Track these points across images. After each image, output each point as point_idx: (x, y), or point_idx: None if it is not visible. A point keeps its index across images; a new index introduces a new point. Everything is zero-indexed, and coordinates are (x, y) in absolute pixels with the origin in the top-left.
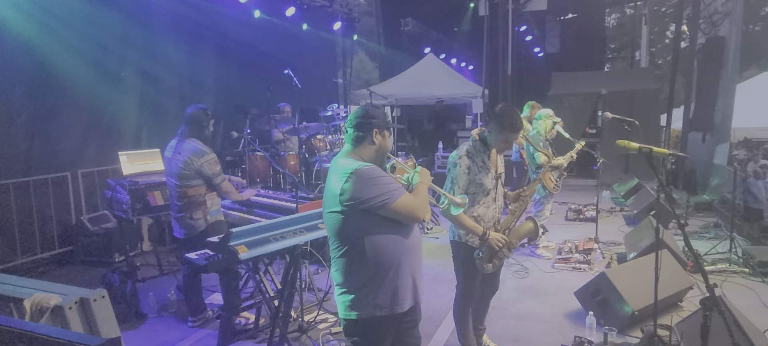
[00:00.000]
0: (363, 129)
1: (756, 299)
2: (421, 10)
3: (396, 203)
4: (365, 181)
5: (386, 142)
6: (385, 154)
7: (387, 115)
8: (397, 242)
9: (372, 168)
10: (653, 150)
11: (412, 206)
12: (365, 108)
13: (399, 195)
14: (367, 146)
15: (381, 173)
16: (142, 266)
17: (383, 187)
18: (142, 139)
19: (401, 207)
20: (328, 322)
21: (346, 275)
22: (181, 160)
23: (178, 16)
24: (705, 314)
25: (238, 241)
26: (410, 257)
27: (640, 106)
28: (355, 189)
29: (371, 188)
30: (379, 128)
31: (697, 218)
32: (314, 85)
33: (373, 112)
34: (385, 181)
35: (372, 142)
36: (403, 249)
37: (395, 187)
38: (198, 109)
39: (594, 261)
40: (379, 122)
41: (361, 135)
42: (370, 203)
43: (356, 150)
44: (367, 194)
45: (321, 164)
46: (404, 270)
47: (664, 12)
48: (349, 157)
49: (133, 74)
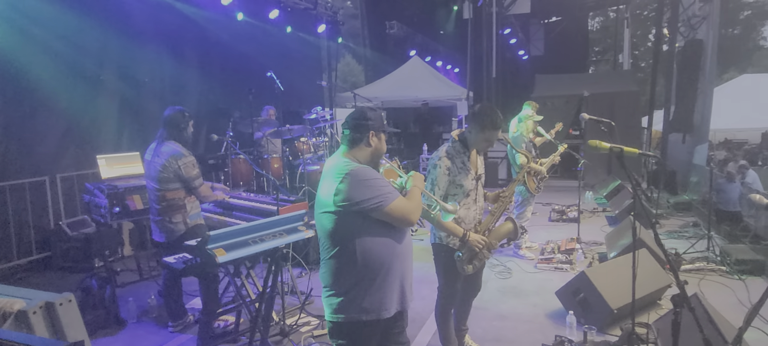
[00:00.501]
0: (359, 131)
1: (732, 296)
2: (406, 13)
3: (390, 206)
4: (360, 182)
5: (381, 144)
6: (380, 157)
7: (383, 119)
8: (388, 245)
9: (367, 169)
10: (624, 150)
11: (406, 209)
12: (362, 110)
13: (393, 198)
14: (362, 148)
15: (376, 175)
16: (123, 271)
17: (378, 189)
18: (123, 142)
19: (395, 210)
20: (311, 325)
21: (335, 276)
22: (159, 163)
23: (159, 19)
24: (676, 311)
25: (216, 244)
26: (400, 262)
27: (622, 108)
28: (350, 190)
29: (366, 189)
30: (376, 131)
31: (677, 217)
32: (298, 88)
33: (370, 115)
34: (380, 183)
35: (368, 144)
36: (394, 254)
37: (390, 190)
38: (175, 111)
39: (576, 261)
40: (375, 125)
41: (357, 136)
42: (364, 204)
43: (352, 151)
44: (361, 195)
45: (305, 167)
46: (393, 275)
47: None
48: (345, 158)
49: (114, 77)
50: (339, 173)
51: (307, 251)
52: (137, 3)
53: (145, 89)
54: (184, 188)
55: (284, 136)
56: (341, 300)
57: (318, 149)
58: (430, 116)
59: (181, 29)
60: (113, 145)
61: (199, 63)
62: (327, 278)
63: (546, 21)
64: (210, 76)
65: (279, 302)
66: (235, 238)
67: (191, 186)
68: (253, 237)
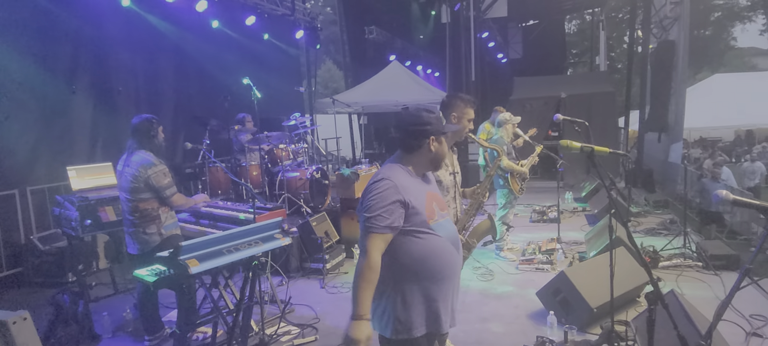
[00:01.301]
0: (416, 137)
1: (709, 291)
2: (384, 19)
3: (372, 236)
4: (366, 189)
5: (443, 147)
6: (443, 159)
7: (442, 119)
8: (418, 260)
9: (386, 182)
10: (594, 149)
11: (372, 256)
12: (418, 113)
13: (379, 230)
14: (421, 154)
15: (387, 190)
16: (97, 285)
17: (376, 209)
18: (96, 153)
19: (369, 246)
20: (291, 334)
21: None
22: (130, 174)
23: (132, 26)
24: (650, 308)
25: (188, 254)
26: (431, 280)
27: (599, 108)
28: (365, 194)
29: (367, 200)
30: (436, 135)
31: (655, 215)
32: (277, 95)
33: (427, 118)
34: (385, 203)
35: (429, 150)
36: (422, 270)
37: (389, 215)
38: (143, 119)
39: (556, 261)
40: (435, 129)
41: (414, 143)
42: (360, 218)
43: (408, 157)
44: (362, 205)
45: (284, 174)
46: (420, 293)
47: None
48: (396, 163)
49: (86, 86)
50: (374, 176)
51: (286, 257)
52: (109, 11)
53: (120, 98)
54: (157, 198)
55: (262, 142)
56: (373, 312)
57: (297, 156)
58: None
59: (155, 37)
60: (86, 156)
61: (175, 71)
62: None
63: (523, 24)
64: (186, 84)
65: (258, 312)
66: (209, 247)
67: (163, 196)
68: (228, 246)
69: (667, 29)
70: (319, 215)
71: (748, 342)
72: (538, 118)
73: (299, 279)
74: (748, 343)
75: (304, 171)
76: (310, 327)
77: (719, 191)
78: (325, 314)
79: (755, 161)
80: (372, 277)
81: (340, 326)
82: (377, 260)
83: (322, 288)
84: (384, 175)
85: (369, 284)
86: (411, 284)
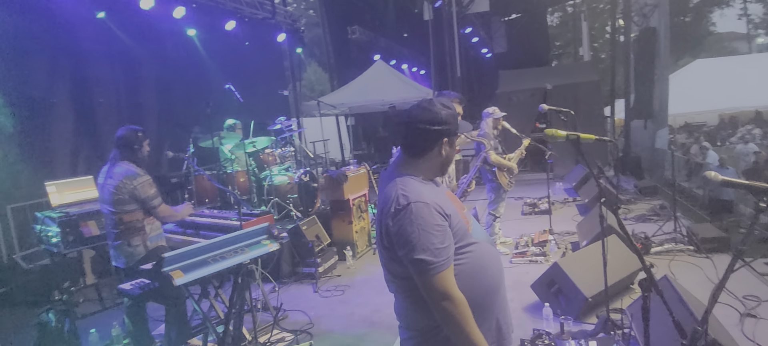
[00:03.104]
0: (429, 138)
1: (701, 275)
2: (367, 18)
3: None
4: (418, 227)
5: (453, 151)
6: (449, 165)
7: (457, 116)
8: (470, 277)
9: (429, 209)
10: (580, 137)
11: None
12: (432, 110)
13: (445, 266)
14: (430, 158)
15: (439, 220)
16: (84, 302)
17: (429, 243)
18: (79, 167)
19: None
20: (285, 341)
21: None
22: (112, 185)
23: (111, 37)
24: (644, 295)
25: (172, 266)
26: (486, 295)
27: (584, 98)
28: (404, 233)
29: (407, 237)
30: (450, 136)
31: (644, 201)
32: (262, 99)
33: (446, 116)
34: (432, 231)
35: (439, 153)
36: (475, 289)
37: (445, 243)
38: (128, 131)
39: (549, 252)
40: (451, 129)
41: (425, 145)
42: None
43: (415, 162)
44: (402, 246)
45: (272, 179)
46: (480, 314)
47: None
48: (402, 175)
49: (66, 99)
50: (393, 201)
51: (278, 264)
52: (86, 23)
53: (100, 110)
54: (142, 209)
55: (247, 149)
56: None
57: (284, 160)
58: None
59: (133, 46)
60: (69, 170)
61: (156, 80)
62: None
63: (506, 18)
64: (168, 92)
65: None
66: (193, 257)
67: (149, 206)
68: (214, 255)
69: (647, 17)
70: (309, 218)
71: (743, 323)
72: (524, 111)
73: (292, 284)
74: (742, 324)
75: (292, 175)
76: (304, 332)
77: (707, 172)
78: (320, 318)
79: (748, 143)
80: (467, 313)
81: (335, 329)
82: (459, 293)
83: (315, 292)
84: (408, 197)
85: (469, 320)
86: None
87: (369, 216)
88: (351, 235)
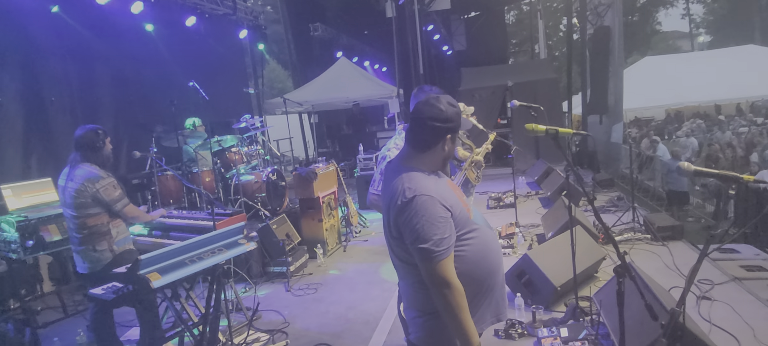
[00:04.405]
0: (433, 133)
1: (659, 261)
2: (329, 15)
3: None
4: (427, 218)
5: (454, 146)
6: (450, 159)
7: (460, 112)
8: (474, 263)
9: (435, 202)
10: (559, 131)
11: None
12: (441, 107)
13: (445, 254)
14: (434, 153)
15: (443, 211)
16: (44, 310)
17: (432, 233)
18: (31, 169)
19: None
20: (260, 341)
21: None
22: (73, 189)
23: (62, 31)
24: (618, 281)
25: (149, 268)
26: (488, 276)
27: (543, 94)
28: (412, 224)
29: (414, 227)
30: (453, 133)
31: (602, 193)
32: (225, 97)
33: (451, 114)
34: (436, 222)
35: (443, 148)
36: (478, 273)
37: (447, 234)
38: (88, 131)
39: (517, 245)
40: (455, 126)
41: (429, 140)
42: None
43: (419, 156)
44: (410, 236)
45: (239, 178)
46: (482, 296)
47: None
48: (407, 168)
49: (13, 98)
50: (399, 194)
51: (249, 265)
52: (36, 16)
53: (53, 109)
54: (107, 212)
55: (213, 147)
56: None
57: (251, 159)
58: (363, 116)
59: (88, 41)
60: (21, 172)
61: (112, 77)
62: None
63: (466, 16)
64: (125, 90)
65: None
66: (170, 259)
67: (114, 209)
68: (190, 256)
69: (601, 16)
70: (278, 217)
71: (699, 305)
72: (486, 107)
73: (263, 284)
74: (699, 305)
75: (260, 173)
76: (279, 332)
77: (681, 163)
78: (294, 317)
79: (689, 136)
80: (463, 301)
81: (310, 328)
82: (458, 282)
83: (287, 292)
84: (414, 190)
85: (464, 309)
86: (472, 293)
87: (339, 214)
88: (321, 233)
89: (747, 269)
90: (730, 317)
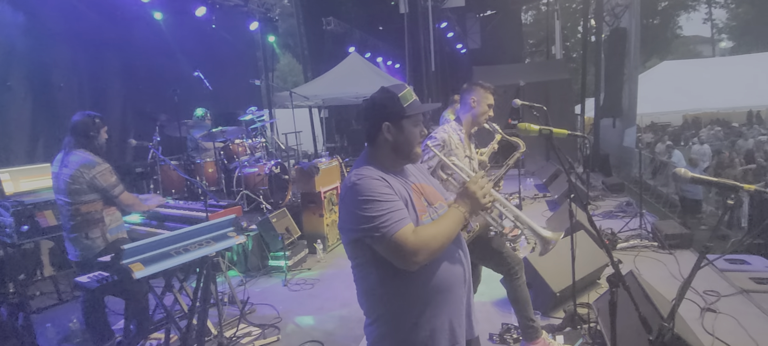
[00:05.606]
0: (372, 122)
1: (665, 270)
2: (343, 9)
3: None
4: (360, 200)
5: (406, 134)
6: (411, 149)
7: (407, 98)
8: (416, 273)
9: (370, 183)
10: (553, 131)
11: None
12: (371, 97)
13: (398, 226)
14: (381, 144)
15: (380, 190)
16: (41, 295)
17: (379, 210)
18: (37, 154)
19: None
20: (252, 335)
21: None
22: (67, 175)
23: (72, 18)
24: (612, 290)
25: (132, 258)
26: (437, 291)
27: (556, 95)
28: (349, 210)
29: (359, 213)
30: (392, 119)
31: (612, 198)
32: (232, 88)
33: (380, 99)
34: (381, 199)
35: (386, 139)
36: (422, 284)
37: (398, 207)
38: (84, 116)
39: (519, 247)
40: (390, 111)
41: (371, 132)
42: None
43: (372, 152)
44: (356, 223)
45: (241, 170)
46: (429, 312)
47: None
48: (364, 164)
49: (22, 83)
50: (345, 185)
51: (245, 256)
52: (47, 2)
53: (61, 95)
54: (103, 199)
55: (217, 138)
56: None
57: (255, 151)
58: None
59: (98, 29)
60: (26, 157)
61: (121, 65)
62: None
63: (481, 15)
64: (134, 78)
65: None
66: (155, 250)
67: (111, 195)
68: (177, 248)
69: (618, 17)
70: (279, 210)
71: (703, 317)
72: (498, 107)
73: (260, 278)
74: (702, 318)
75: (263, 166)
76: (272, 327)
77: (677, 169)
78: (288, 312)
79: (703, 144)
80: (429, 230)
81: (304, 324)
82: (421, 240)
83: (284, 286)
84: (355, 177)
85: (437, 227)
86: (414, 307)
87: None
88: (322, 228)
89: (756, 282)
90: (736, 330)
